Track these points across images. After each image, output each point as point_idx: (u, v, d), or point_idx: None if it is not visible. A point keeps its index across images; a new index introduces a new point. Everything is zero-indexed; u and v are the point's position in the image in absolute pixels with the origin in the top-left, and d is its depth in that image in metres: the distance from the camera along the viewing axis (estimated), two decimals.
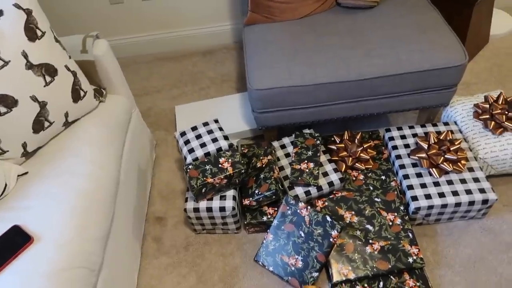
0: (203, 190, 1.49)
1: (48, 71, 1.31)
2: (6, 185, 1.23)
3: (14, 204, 1.21)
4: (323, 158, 1.66)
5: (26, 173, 1.30)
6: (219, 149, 1.57)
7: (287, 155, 1.70)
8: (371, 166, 1.67)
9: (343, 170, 1.67)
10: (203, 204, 1.52)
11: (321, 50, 1.63)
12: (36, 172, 1.30)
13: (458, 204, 1.48)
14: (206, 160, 1.53)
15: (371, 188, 1.62)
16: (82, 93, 1.44)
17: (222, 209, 1.51)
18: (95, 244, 1.19)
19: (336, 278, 1.41)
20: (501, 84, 2.10)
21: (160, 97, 2.28)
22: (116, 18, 2.36)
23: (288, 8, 1.79)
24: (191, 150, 1.58)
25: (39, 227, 1.14)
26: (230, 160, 1.52)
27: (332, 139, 1.77)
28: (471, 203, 1.48)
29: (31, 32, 1.27)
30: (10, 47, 1.21)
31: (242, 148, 1.73)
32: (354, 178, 1.67)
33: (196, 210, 1.53)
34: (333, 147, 1.71)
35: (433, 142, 1.59)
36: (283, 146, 1.74)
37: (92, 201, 1.24)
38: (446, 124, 1.72)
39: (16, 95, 1.23)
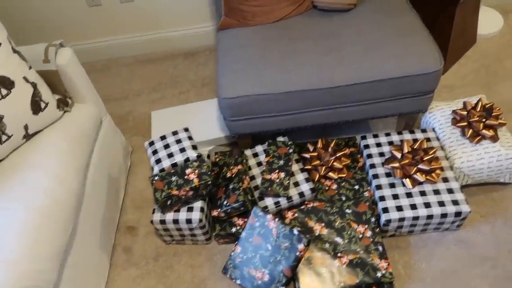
0: (169, 202, 1.46)
1: (3, 83, 1.28)
2: None
3: None
4: (295, 167, 1.62)
5: None
6: (186, 160, 1.54)
7: (260, 164, 1.67)
8: (344, 175, 1.63)
9: (316, 180, 1.63)
10: (169, 216, 1.49)
11: (293, 56, 1.58)
12: None
13: (430, 217, 1.43)
14: (172, 171, 1.50)
15: (344, 198, 1.57)
16: (43, 105, 1.41)
17: (189, 221, 1.48)
18: (46, 262, 1.16)
19: None
20: (487, 86, 2.03)
21: (139, 101, 2.24)
22: (95, 20, 2.32)
23: (261, 12, 1.74)
24: (158, 161, 1.55)
25: None
26: (197, 171, 1.49)
27: (307, 147, 1.72)
28: (444, 215, 1.43)
29: None
30: None
31: (216, 156, 1.70)
32: (327, 188, 1.62)
33: (163, 222, 1.50)
34: (307, 155, 1.67)
35: (406, 151, 1.54)
36: (255, 155, 1.70)
37: (45, 217, 1.21)
38: (424, 131, 1.67)
39: None
